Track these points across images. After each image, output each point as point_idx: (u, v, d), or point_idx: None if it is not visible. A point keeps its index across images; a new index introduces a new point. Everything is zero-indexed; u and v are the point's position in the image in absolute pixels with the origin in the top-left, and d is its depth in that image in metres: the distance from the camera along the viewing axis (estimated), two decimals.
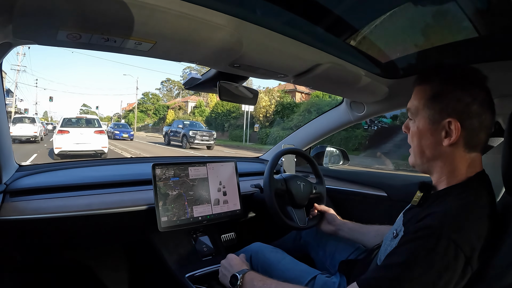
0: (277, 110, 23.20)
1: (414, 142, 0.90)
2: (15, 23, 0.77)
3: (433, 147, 0.86)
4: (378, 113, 1.87)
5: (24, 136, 15.90)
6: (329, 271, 1.36)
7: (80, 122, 11.81)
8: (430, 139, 0.86)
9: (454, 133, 0.81)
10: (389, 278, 0.74)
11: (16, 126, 15.38)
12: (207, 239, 1.51)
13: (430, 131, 0.86)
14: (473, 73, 0.85)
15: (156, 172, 1.37)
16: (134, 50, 0.96)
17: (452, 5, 0.95)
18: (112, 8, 0.73)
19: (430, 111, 0.85)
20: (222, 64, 1.17)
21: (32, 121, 16.78)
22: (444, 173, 0.86)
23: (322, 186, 1.72)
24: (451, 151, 0.84)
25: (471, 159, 0.84)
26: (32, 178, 1.38)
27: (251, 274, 1.09)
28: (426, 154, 0.88)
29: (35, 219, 1.19)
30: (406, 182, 1.81)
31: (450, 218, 0.75)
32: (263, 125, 23.65)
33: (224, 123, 28.54)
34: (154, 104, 51.63)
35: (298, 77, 1.32)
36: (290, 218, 1.54)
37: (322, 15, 1.00)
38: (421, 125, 0.88)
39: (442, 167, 0.86)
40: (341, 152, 2.32)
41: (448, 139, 0.82)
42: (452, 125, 0.81)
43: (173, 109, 43.32)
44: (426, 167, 0.91)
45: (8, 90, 28.18)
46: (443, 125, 0.83)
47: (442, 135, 0.83)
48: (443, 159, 0.85)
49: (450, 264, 0.69)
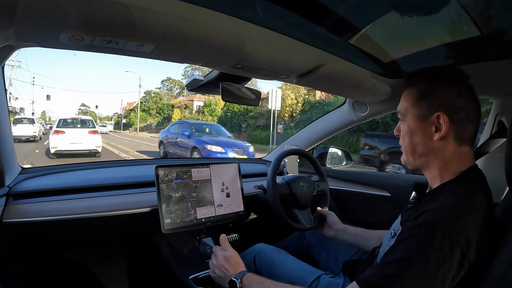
0: (304, 109, 20.54)
1: (406, 141, 0.93)
2: (17, 26, 0.77)
3: (424, 143, 0.89)
4: (381, 113, 1.87)
5: (24, 136, 16.69)
6: (333, 272, 1.36)
7: (75, 123, 12.33)
8: (421, 136, 0.89)
9: (443, 127, 0.84)
10: (387, 275, 0.75)
11: (16, 127, 16.10)
12: (210, 241, 1.50)
13: (420, 128, 0.89)
14: (456, 72, 0.89)
15: (159, 174, 1.37)
16: (136, 52, 0.96)
17: (454, 4, 0.95)
18: (114, 10, 0.73)
19: (419, 109, 0.89)
20: (224, 65, 1.17)
21: (31, 121, 17.61)
22: (436, 169, 0.89)
23: (325, 183, 1.73)
24: (442, 146, 0.86)
25: (462, 153, 0.87)
26: (35, 180, 1.38)
27: (249, 277, 1.08)
28: (418, 150, 0.91)
29: (38, 222, 1.19)
30: (409, 182, 1.81)
31: (443, 213, 0.76)
32: (287, 126, 20.59)
33: (241, 123, 25.18)
34: (156, 103, 49.31)
35: (300, 78, 1.32)
36: (297, 220, 1.55)
37: (324, 15, 1.00)
38: (411, 124, 0.91)
39: (434, 163, 0.89)
40: (344, 152, 2.32)
41: (438, 133, 0.85)
42: (441, 118, 0.84)
43: (179, 108, 40.79)
44: (419, 165, 0.93)
45: None
46: (432, 120, 0.86)
47: (432, 130, 0.86)
48: (435, 154, 0.88)
49: (447, 258, 0.70)
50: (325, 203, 1.68)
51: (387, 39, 1.25)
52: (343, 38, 1.15)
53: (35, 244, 1.35)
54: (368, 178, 2.01)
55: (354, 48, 1.22)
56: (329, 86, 1.59)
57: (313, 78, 1.30)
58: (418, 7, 1.00)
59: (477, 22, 0.99)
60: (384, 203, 1.84)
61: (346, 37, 1.15)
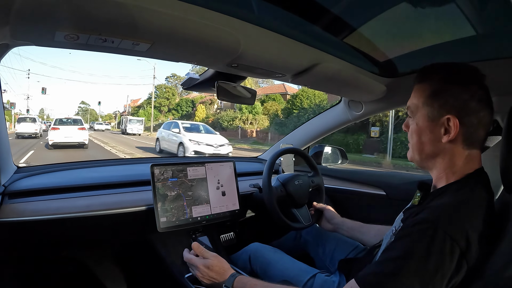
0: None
1: (414, 139, 0.91)
2: (13, 25, 0.77)
3: (432, 144, 0.87)
4: (376, 112, 1.88)
5: (27, 133, 19.88)
6: (329, 270, 1.36)
7: (68, 122, 16.13)
8: (429, 136, 0.87)
9: (453, 130, 0.82)
10: (386, 273, 0.74)
11: (20, 125, 19.79)
12: (206, 239, 1.50)
13: (429, 128, 0.87)
14: (472, 71, 0.86)
15: (154, 173, 1.37)
16: (131, 51, 0.96)
17: (449, 3, 0.95)
18: (110, 9, 0.73)
19: (429, 108, 0.86)
20: (220, 64, 1.17)
21: (33, 120, 21.06)
22: (443, 170, 0.88)
23: (319, 177, 1.74)
24: (450, 148, 0.85)
25: (470, 156, 0.85)
26: (30, 179, 1.38)
27: (240, 280, 1.05)
28: (426, 150, 0.89)
29: (34, 221, 1.18)
30: (405, 181, 1.82)
31: (445, 212, 0.75)
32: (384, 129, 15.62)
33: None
34: (169, 99, 45.03)
35: (296, 77, 1.32)
36: (295, 220, 1.56)
37: (319, 14, 1.01)
38: (420, 122, 0.89)
39: (441, 164, 0.88)
40: (339, 151, 2.32)
41: (447, 135, 0.83)
42: (451, 122, 0.82)
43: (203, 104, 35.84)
44: (426, 164, 0.92)
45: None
46: (442, 122, 0.84)
47: (441, 132, 0.84)
48: (442, 155, 0.87)
49: (446, 257, 0.70)
50: (321, 197, 1.70)
51: (382, 38, 1.25)
52: (338, 37, 1.16)
53: (31, 243, 1.35)
54: (363, 177, 2.02)
55: (350, 47, 1.23)
56: (325, 85, 1.59)
57: (308, 77, 1.30)
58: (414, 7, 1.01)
59: (472, 22, 1.00)
60: (379, 201, 1.85)
61: (341, 36, 1.15)
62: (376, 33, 1.19)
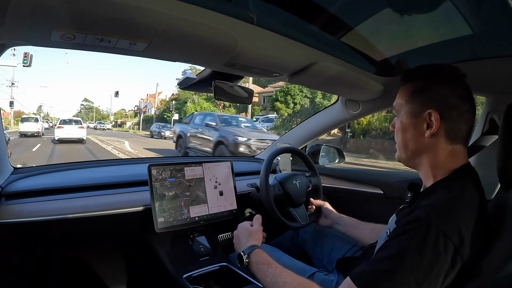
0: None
1: (399, 137, 0.94)
2: (9, 25, 0.77)
3: (416, 140, 0.90)
4: (373, 111, 1.88)
5: (30, 132, 22.19)
6: (327, 269, 1.36)
7: (70, 122, 20.16)
8: (412, 132, 0.90)
9: (434, 124, 0.85)
10: (381, 271, 0.74)
11: (24, 124, 22.34)
12: (204, 239, 1.50)
13: (412, 124, 0.90)
14: (453, 70, 0.89)
15: (152, 173, 1.36)
16: (128, 50, 0.96)
17: (445, 2, 0.96)
18: (106, 8, 0.73)
19: (412, 105, 0.90)
20: (217, 63, 1.17)
21: (36, 120, 23.70)
22: (428, 166, 0.90)
23: (317, 177, 1.74)
24: (433, 143, 0.87)
25: (453, 151, 0.87)
26: (27, 180, 1.37)
27: (258, 254, 1.09)
28: (410, 147, 0.92)
29: (31, 222, 1.18)
30: (402, 179, 1.82)
31: (437, 209, 0.76)
32: None
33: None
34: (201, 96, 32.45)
35: (293, 76, 1.32)
36: (292, 219, 1.56)
37: (316, 13, 1.01)
38: (404, 120, 0.92)
39: (426, 160, 0.90)
40: (336, 150, 2.33)
41: (429, 130, 0.86)
42: (432, 116, 0.85)
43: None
44: (412, 162, 0.94)
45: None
46: (424, 117, 0.87)
47: (424, 127, 0.87)
48: (427, 151, 0.89)
49: (440, 254, 0.71)
50: (318, 197, 1.70)
51: (379, 37, 1.25)
52: (335, 37, 1.16)
53: (28, 244, 1.34)
54: (361, 176, 2.02)
55: (347, 47, 1.23)
56: (322, 84, 1.59)
57: (305, 76, 1.30)
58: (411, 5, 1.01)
59: (469, 21, 1.00)
60: (376, 200, 1.85)
61: (338, 36, 1.15)
62: (373, 33, 1.19)
